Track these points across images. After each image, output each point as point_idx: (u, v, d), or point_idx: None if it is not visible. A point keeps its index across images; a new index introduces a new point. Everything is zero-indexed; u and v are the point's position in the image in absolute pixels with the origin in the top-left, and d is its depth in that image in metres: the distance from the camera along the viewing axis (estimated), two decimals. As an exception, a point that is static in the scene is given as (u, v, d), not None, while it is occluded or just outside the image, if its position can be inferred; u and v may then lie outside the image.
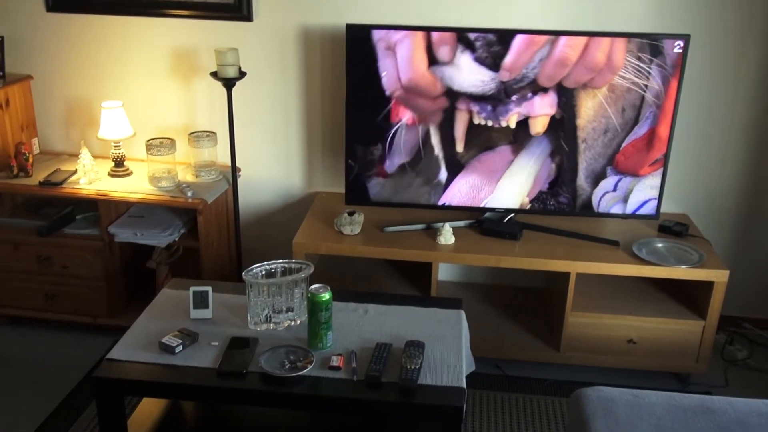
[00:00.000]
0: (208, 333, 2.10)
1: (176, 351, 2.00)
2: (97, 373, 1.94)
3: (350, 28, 2.52)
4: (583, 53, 2.47)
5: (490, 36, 2.47)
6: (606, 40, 2.45)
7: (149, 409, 2.18)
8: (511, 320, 2.88)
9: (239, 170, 3.04)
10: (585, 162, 2.61)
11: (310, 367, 1.94)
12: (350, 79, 2.56)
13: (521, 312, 2.94)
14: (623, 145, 2.58)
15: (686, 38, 2.46)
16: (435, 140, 2.63)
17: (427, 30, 2.49)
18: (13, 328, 2.93)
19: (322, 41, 2.83)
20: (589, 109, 2.54)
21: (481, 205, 2.72)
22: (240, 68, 2.75)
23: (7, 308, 2.92)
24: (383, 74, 2.54)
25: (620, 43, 2.45)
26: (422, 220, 2.82)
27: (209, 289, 2.19)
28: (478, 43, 2.48)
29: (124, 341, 2.06)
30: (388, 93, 2.56)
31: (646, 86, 2.50)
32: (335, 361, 1.96)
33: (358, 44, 2.53)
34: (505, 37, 2.47)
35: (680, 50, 2.46)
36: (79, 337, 2.91)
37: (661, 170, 2.61)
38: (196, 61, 2.92)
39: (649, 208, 2.66)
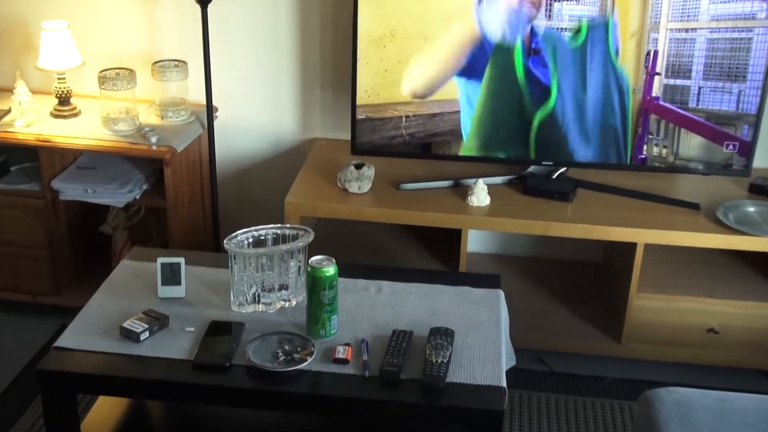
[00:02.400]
0: (181, 316, 2.10)
1: (141, 338, 2.00)
2: (42, 365, 1.95)
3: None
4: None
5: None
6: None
7: (107, 409, 2.19)
8: (560, 303, 2.89)
9: (216, 110, 3.02)
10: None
11: (309, 359, 1.94)
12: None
13: (573, 293, 2.94)
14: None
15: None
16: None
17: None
18: (-67, 309, 2.95)
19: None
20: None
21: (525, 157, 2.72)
22: (218, -21, 2.72)
23: (-77, 284, 2.93)
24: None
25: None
26: (449, 175, 2.81)
27: (181, 260, 2.18)
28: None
29: (75, 325, 2.07)
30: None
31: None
32: (341, 352, 1.96)
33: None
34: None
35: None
36: (16, 319, 2.92)
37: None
38: (162, -31, 2.90)
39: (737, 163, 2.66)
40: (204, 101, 2.91)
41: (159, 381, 1.91)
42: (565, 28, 2.55)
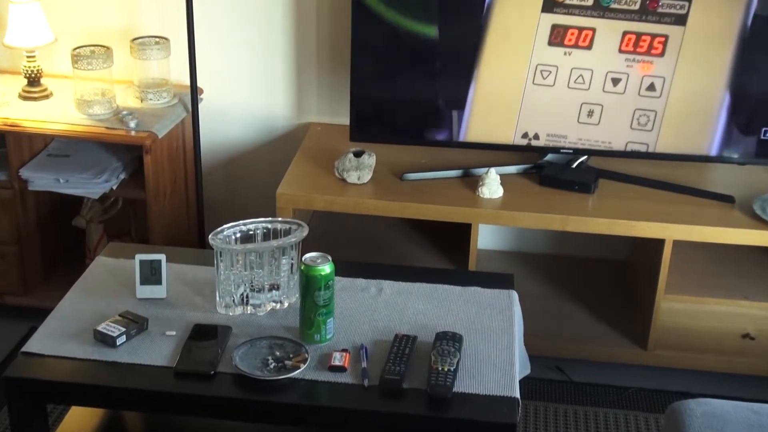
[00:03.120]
0: (162, 318, 2.10)
1: (117, 343, 2.00)
2: (9, 372, 1.95)
3: None
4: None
5: None
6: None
7: (81, 421, 2.18)
8: (580, 305, 2.89)
9: (201, 92, 3.02)
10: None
11: (303, 366, 1.94)
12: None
13: (594, 294, 2.94)
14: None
15: None
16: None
17: None
18: None
19: None
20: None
21: (542, 144, 2.71)
22: (203, -53, 2.72)
23: None
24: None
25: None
26: (458, 164, 2.80)
27: (162, 257, 2.18)
28: None
29: (46, 329, 2.07)
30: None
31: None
32: (338, 359, 1.96)
33: None
34: None
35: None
36: (-19, 321, 2.93)
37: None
38: (142, -64, 2.89)
39: (776, 151, 2.68)
40: (188, 82, 2.90)
41: (137, 390, 1.90)
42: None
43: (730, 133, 2.65)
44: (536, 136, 2.71)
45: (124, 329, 2.01)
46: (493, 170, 2.67)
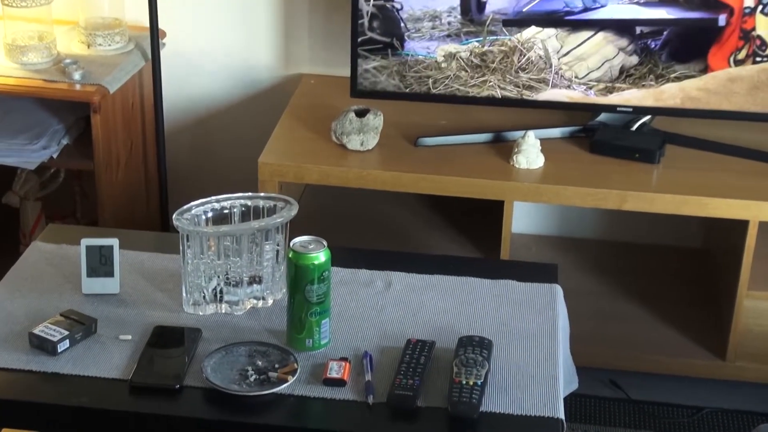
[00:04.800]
0: (114, 319, 2.09)
1: (58, 349, 1.98)
2: (-77, 384, 1.94)
3: None
4: None
5: None
6: None
7: (13, 446, 2.19)
8: (640, 304, 2.89)
9: (164, 36, 3.03)
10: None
11: (291, 380, 1.92)
12: None
13: (657, 290, 2.95)
14: None
15: None
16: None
17: None
18: None
19: None
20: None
21: (593, 101, 2.72)
22: None
23: None
24: None
25: None
26: (486, 126, 2.81)
27: (115, 243, 2.17)
28: None
29: (-32, 331, 2.06)
30: None
31: None
32: (335, 370, 1.95)
33: None
34: None
35: None
36: None
37: None
38: None
39: None
40: (147, 23, 2.91)
41: (82, 409, 1.88)
42: None
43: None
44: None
45: (66, 333, 1.99)
46: (531, 134, 2.67)
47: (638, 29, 2.68)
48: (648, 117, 2.77)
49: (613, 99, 2.72)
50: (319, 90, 2.99)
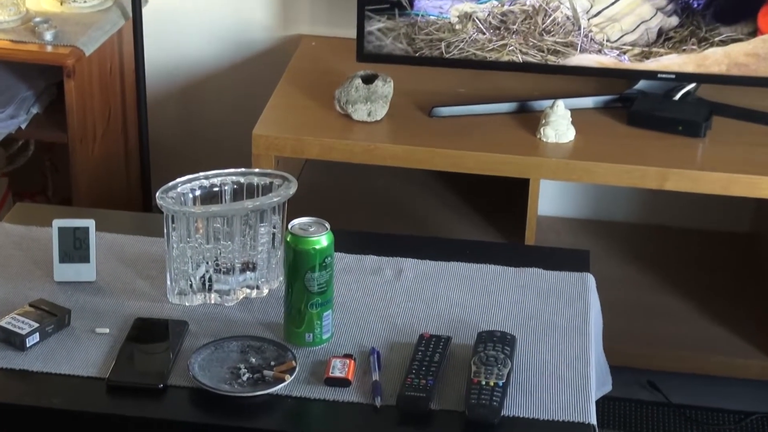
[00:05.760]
0: (90, 310, 2.09)
1: (27, 344, 1.98)
2: None
3: None
4: None
5: None
6: None
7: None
8: (682, 296, 2.91)
9: (147, -8, 3.03)
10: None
11: (289, 379, 1.91)
12: None
13: (701, 280, 2.97)
14: None
15: None
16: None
17: None
18: None
19: None
20: None
21: (629, 67, 2.70)
22: None
23: None
24: None
25: None
26: (510, 94, 2.81)
27: (90, 224, 2.17)
28: None
29: (-72, 323, 2.01)
30: None
31: None
32: (339, 368, 1.95)
33: None
34: None
35: None
36: None
37: None
38: None
39: None
40: (127, -23, 2.91)
41: (54, 411, 1.88)
42: None
43: None
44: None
45: (36, 325, 1.99)
46: (561, 103, 2.67)
47: (679, -15, 2.68)
48: (693, 85, 2.76)
49: (649, 65, 2.71)
50: (320, 53, 3.00)
